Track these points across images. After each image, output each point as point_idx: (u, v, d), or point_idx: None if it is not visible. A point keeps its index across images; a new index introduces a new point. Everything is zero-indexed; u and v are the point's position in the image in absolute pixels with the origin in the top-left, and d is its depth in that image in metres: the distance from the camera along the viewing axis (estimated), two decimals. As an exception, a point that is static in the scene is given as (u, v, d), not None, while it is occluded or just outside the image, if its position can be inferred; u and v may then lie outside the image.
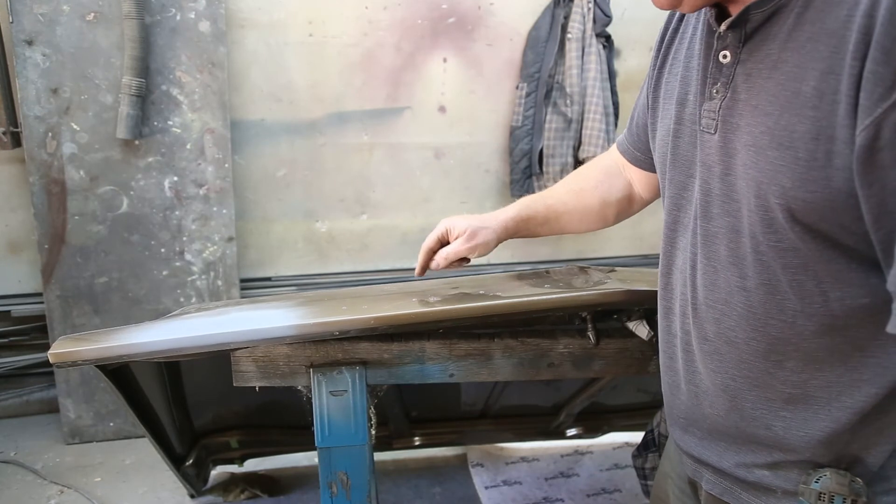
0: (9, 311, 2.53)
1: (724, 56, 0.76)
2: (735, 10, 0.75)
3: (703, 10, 0.81)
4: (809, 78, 0.67)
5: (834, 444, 0.77)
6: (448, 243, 1.24)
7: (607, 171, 1.22)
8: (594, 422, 2.25)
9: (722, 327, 0.80)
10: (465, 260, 1.25)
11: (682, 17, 0.90)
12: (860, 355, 0.73)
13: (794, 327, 0.74)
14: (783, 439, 0.79)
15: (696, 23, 0.85)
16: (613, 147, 1.23)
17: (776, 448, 0.81)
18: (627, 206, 1.23)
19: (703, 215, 0.81)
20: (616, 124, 2.78)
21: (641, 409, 2.17)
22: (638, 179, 1.19)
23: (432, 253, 1.25)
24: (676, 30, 0.90)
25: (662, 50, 0.92)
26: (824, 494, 0.76)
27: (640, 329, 1.31)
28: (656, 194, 1.20)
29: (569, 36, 2.68)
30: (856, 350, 0.73)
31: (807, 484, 0.78)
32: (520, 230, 1.24)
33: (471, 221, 1.22)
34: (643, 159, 1.13)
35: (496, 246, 1.24)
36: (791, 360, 0.76)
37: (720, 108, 0.77)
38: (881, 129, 0.61)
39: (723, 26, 0.76)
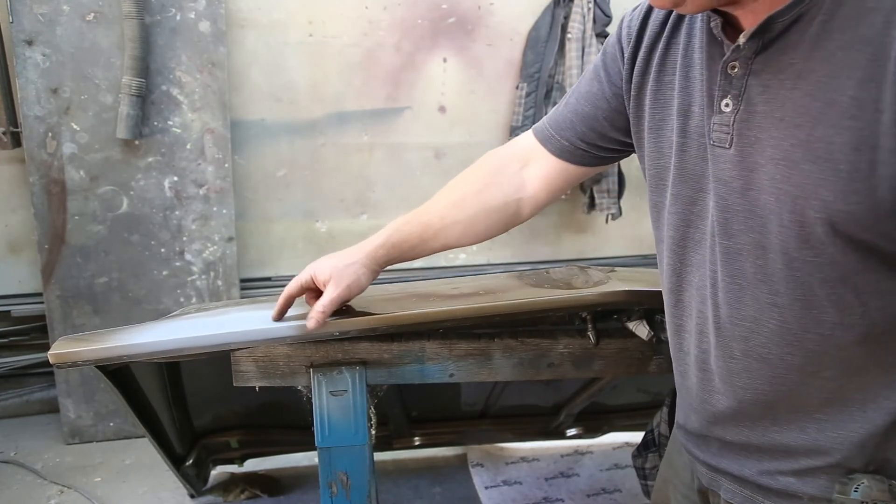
0: (9, 311, 2.53)
1: (734, 67, 0.74)
2: (747, 19, 0.72)
3: (700, 16, 0.78)
4: (846, 87, 0.65)
5: (867, 446, 0.75)
6: (316, 289, 1.14)
7: (495, 170, 1.13)
8: (594, 422, 2.24)
9: (751, 345, 0.78)
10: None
11: (676, 23, 0.85)
12: None
13: (832, 339, 0.73)
14: (815, 441, 0.77)
15: (692, 29, 0.82)
16: (517, 140, 1.13)
17: (803, 454, 0.79)
18: (516, 212, 1.13)
19: (722, 232, 0.78)
20: (616, 124, 2.77)
21: (641, 409, 2.16)
22: (544, 175, 1.08)
23: (292, 300, 1.16)
24: (659, 34, 0.86)
25: (641, 54, 0.88)
26: (866, 503, 0.74)
27: (640, 329, 1.31)
28: (555, 195, 1.12)
29: (569, 36, 2.68)
30: (893, 355, 0.73)
31: (845, 493, 0.75)
32: (392, 257, 1.13)
33: (334, 262, 1.11)
34: (571, 150, 1.03)
35: (373, 279, 1.14)
36: (828, 370, 0.75)
37: (734, 121, 0.74)
38: None
39: (741, 38, 0.72)
